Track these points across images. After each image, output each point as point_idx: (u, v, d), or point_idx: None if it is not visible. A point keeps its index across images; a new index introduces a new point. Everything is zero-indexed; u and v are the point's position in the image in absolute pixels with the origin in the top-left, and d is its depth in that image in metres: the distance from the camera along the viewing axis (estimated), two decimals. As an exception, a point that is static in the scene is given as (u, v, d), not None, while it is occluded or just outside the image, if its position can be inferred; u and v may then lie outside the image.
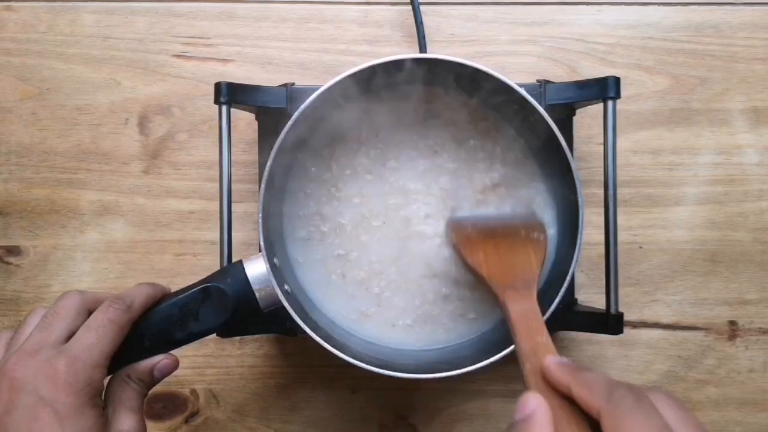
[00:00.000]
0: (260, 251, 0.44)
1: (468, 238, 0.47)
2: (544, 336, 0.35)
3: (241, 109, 0.50)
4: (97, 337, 0.38)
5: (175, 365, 0.42)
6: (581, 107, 0.51)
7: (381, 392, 0.56)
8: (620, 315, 0.47)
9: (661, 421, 0.26)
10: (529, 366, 0.33)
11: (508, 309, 0.38)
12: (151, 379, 0.41)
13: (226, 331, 0.47)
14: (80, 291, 0.41)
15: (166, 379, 0.55)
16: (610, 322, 0.47)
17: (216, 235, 0.48)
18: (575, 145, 0.53)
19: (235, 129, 0.55)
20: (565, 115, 0.51)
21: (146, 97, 0.57)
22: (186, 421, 0.56)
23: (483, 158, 0.52)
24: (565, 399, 0.30)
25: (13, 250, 0.56)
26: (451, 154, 0.52)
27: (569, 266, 0.45)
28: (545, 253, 0.45)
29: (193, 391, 0.56)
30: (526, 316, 0.37)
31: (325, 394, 0.56)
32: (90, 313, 0.40)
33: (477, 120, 0.52)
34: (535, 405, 0.29)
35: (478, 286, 0.42)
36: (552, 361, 0.32)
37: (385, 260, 0.51)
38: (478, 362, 0.44)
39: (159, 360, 0.41)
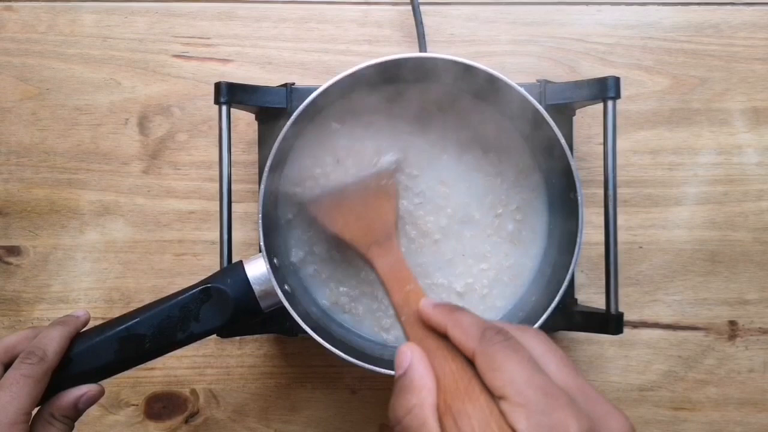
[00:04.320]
0: (260, 251, 0.44)
1: (325, 208, 0.47)
2: (412, 283, 0.35)
3: (241, 109, 0.50)
4: (11, 396, 0.37)
5: (100, 395, 0.41)
6: (581, 107, 0.51)
7: (381, 392, 0.56)
8: (620, 315, 0.47)
9: (527, 355, 0.28)
10: (404, 317, 0.34)
11: (375, 266, 0.38)
12: (76, 412, 0.40)
13: (227, 331, 0.47)
14: None
15: (167, 379, 0.56)
16: (610, 322, 0.47)
17: (216, 235, 0.48)
18: (575, 145, 0.53)
19: (235, 129, 0.55)
20: (565, 115, 0.51)
21: (146, 97, 0.57)
22: (186, 421, 0.56)
23: (484, 160, 0.52)
24: (440, 339, 0.31)
25: (13, 250, 0.56)
26: (451, 155, 0.52)
27: (569, 266, 0.45)
28: (395, 196, 0.45)
29: (193, 391, 0.56)
30: (392, 267, 0.38)
31: (325, 394, 0.56)
32: (6, 367, 0.39)
33: (477, 120, 0.52)
34: (410, 357, 0.30)
35: (347, 251, 0.42)
36: (427, 304, 0.33)
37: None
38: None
39: (84, 392, 0.40)
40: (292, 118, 0.44)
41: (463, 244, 0.51)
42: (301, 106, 0.44)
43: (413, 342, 0.32)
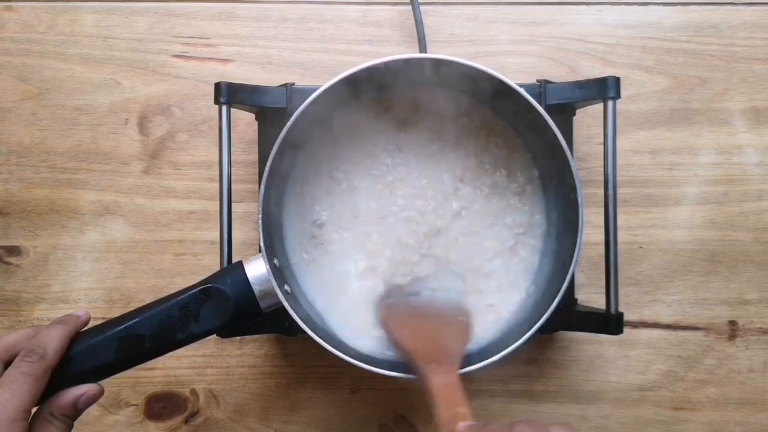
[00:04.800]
0: (260, 251, 0.44)
1: (396, 316, 0.48)
2: (464, 407, 0.36)
3: (241, 109, 0.50)
4: (11, 393, 0.37)
5: (100, 394, 0.41)
6: (581, 107, 0.51)
7: (381, 392, 0.56)
8: (620, 315, 0.47)
9: None
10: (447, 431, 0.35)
11: (430, 381, 0.39)
12: (75, 412, 0.40)
13: (227, 331, 0.47)
14: None
15: (167, 379, 0.56)
16: (610, 322, 0.47)
17: (216, 235, 0.48)
18: (575, 145, 0.53)
19: (235, 129, 0.55)
20: (565, 115, 0.51)
21: (146, 97, 0.57)
22: (186, 421, 0.56)
23: (484, 160, 0.52)
24: None
25: (13, 250, 0.56)
26: (451, 155, 0.52)
27: (569, 266, 0.45)
28: (470, 335, 0.47)
29: (193, 391, 0.56)
30: (447, 387, 0.38)
31: (325, 394, 0.56)
32: (6, 365, 0.39)
33: (477, 120, 0.52)
34: None
35: (406, 365, 0.44)
36: (463, 425, 0.34)
37: (385, 258, 0.51)
38: (479, 362, 0.44)
39: (84, 391, 0.40)
40: (292, 118, 0.44)
41: (463, 244, 0.51)
42: (302, 107, 0.44)
43: None
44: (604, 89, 0.47)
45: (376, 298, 0.51)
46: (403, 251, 0.51)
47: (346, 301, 0.51)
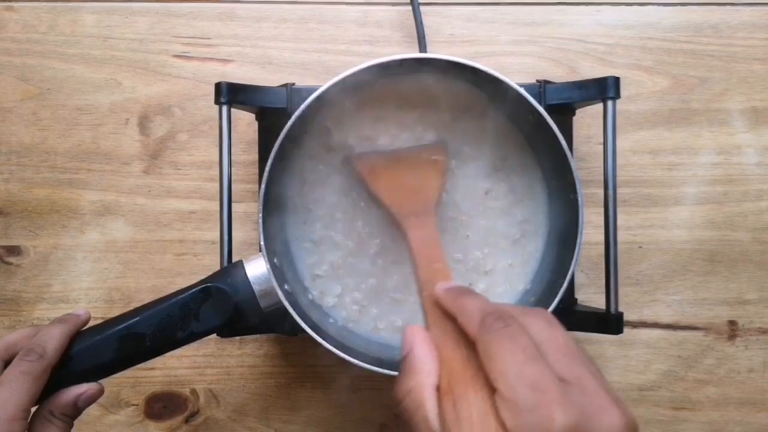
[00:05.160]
0: (260, 251, 0.44)
1: (372, 167, 0.47)
2: (440, 262, 0.35)
3: (242, 109, 0.50)
4: (10, 392, 0.37)
5: (100, 393, 0.41)
6: (581, 107, 0.51)
7: (381, 392, 0.56)
8: (620, 315, 0.47)
9: (526, 340, 0.27)
10: (425, 294, 0.33)
11: (408, 236, 0.38)
12: (75, 411, 0.40)
13: (227, 331, 0.47)
14: None
15: (167, 379, 0.56)
16: (609, 321, 0.47)
17: (216, 235, 0.48)
18: (575, 145, 0.53)
19: (235, 129, 0.55)
20: (565, 115, 0.51)
21: (147, 97, 0.57)
22: (186, 421, 0.56)
23: (483, 161, 0.52)
24: (456, 323, 0.31)
25: (14, 250, 0.56)
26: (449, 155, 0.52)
27: (569, 266, 0.45)
28: (444, 173, 0.45)
29: (193, 391, 0.56)
30: (425, 242, 0.37)
31: (325, 394, 0.56)
32: (6, 364, 0.39)
33: (477, 120, 0.52)
34: (413, 337, 0.30)
35: (384, 215, 0.42)
36: (441, 287, 0.32)
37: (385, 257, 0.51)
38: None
39: (84, 390, 0.40)
40: (293, 118, 0.44)
41: (463, 244, 0.51)
42: (302, 106, 0.44)
43: (431, 321, 0.32)
44: (604, 89, 0.47)
45: (353, 153, 0.49)
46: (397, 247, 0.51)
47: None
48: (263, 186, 0.45)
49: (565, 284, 0.45)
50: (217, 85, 0.47)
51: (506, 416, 0.25)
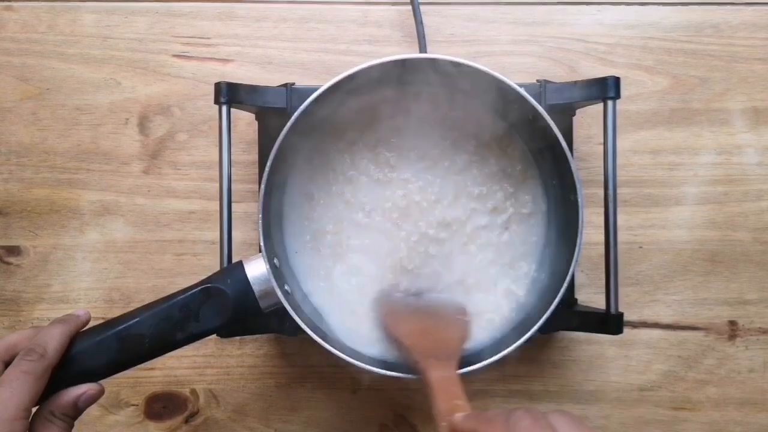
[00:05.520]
0: (260, 251, 0.44)
1: (395, 313, 0.48)
2: (461, 400, 0.36)
3: (241, 109, 0.50)
4: (11, 392, 0.37)
5: (100, 394, 0.41)
6: (581, 107, 0.51)
7: (381, 392, 0.56)
8: (620, 315, 0.47)
9: None
10: (445, 424, 0.34)
11: (428, 375, 0.39)
12: (76, 411, 0.40)
13: (227, 331, 0.47)
14: None
15: (167, 379, 0.56)
16: (610, 322, 0.47)
17: (216, 235, 0.48)
18: (575, 145, 0.53)
19: (235, 129, 0.55)
20: (565, 115, 0.51)
21: (146, 97, 0.57)
22: (186, 421, 0.56)
23: (485, 160, 0.52)
24: None
25: (13, 250, 0.56)
26: (451, 156, 0.52)
27: (569, 266, 0.45)
28: (468, 332, 0.47)
29: (193, 391, 0.56)
30: (445, 380, 0.38)
31: (325, 394, 0.56)
32: (7, 365, 0.39)
33: (477, 120, 0.52)
34: None
35: (404, 363, 0.44)
36: (459, 415, 0.34)
37: (385, 258, 0.51)
38: (478, 362, 0.44)
39: (84, 390, 0.40)
40: (293, 118, 0.44)
41: (461, 243, 0.51)
42: (302, 107, 0.44)
43: None
44: (604, 89, 0.47)
45: (375, 296, 0.51)
46: (404, 251, 0.51)
47: (345, 302, 0.51)
48: (263, 186, 0.44)
49: (565, 284, 0.45)
50: (217, 85, 0.47)
51: None
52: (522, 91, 0.45)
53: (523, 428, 0.28)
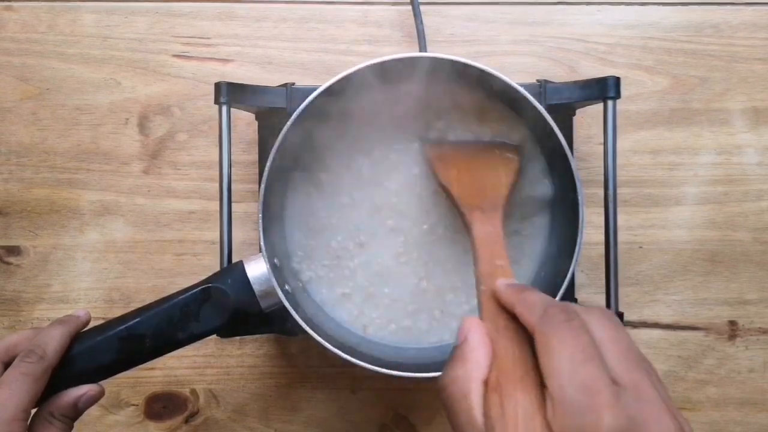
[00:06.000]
0: (260, 251, 0.44)
1: (442, 155, 0.47)
2: (503, 260, 0.34)
3: (241, 109, 0.50)
4: (10, 393, 0.37)
5: (101, 395, 0.41)
6: (581, 107, 0.51)
7: (381, 392, 0.56)
8: (620, 315, 0.47)
9: (587, 339, 0.26)
10: (483, 288, 0.33)
11: (472, 230, 0.37)
12: (75, 412, 0.40)
13: (227, 331, 0.47)
14: None
15: (167, 379, 0.56)
16: (610, 322, 0.47)
17: (216, 235, 0.48)
18: (575, 145, 0.53)
19: (235, 129, 0.55)
20: (565, 115, 0.51)
21: (146, 97, 0.57)
22: (186, 421, 0.56)
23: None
24: (512, 320, 0.30)
25: (13, 250, 0.56)
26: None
27: (569, 266, 0.45)
28: (516, 172, 0.45)
29: (193, 391, 0.56)
30: (489, 238, 0.37)
31: (325, 394, 0.56)
32: (6, 366, 0.39)
33: (477, 120, 0.52)
34: (468, 327, 0.30)
35: (449, 205, 0.42)
36: (503, 282, 0.32)
37: (385, 258, 0.51)
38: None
39: (84, 391, 0.40)
40: (292, 118, 0.44)
41: (463, 244, 0.51)
42: (301, 106, 0.44)
43: (485, 316, 0.31)
44: (604, 89, 0.47)
45: (423, 136, 0.49)
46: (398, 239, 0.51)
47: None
48: (263, 186, 0.44)
49: (565, 284, 0.45)
50: (217, 85, 0.47)
51: (552, 417, 0.25)
52: (522, 90, 0.45)
53: (556, 324, 0.27)
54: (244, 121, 0.55)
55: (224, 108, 0.46)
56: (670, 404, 0.25)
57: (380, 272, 0.51)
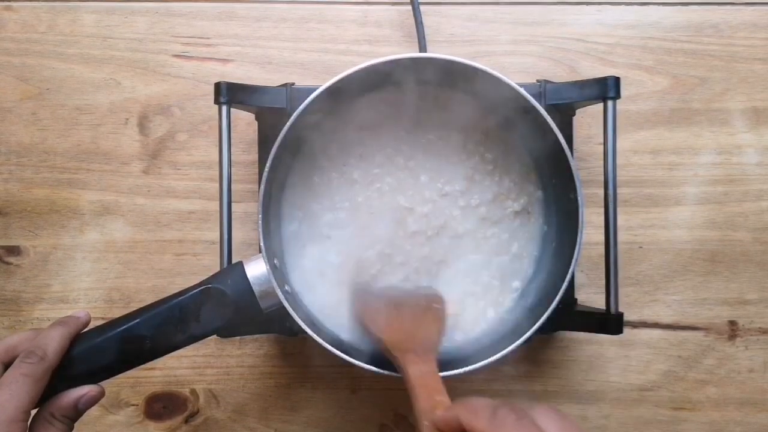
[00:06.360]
0: (260, 251, 0.44)
1: (370, 306, 0.48)
2: (442, 395, 0.35)
3: (241, 109, 0.50)
4: (10, 394, 0.37)
5: (101, 396, 0.41)
6: (581, 107, 0.51)
7: (381, 392, 0.56)
8: (620, 315, 0.47)
9: None
10: (426, 423, 0.33)
11: (407, 371, 0.38)
12: (76, 413, 0.40)
13: (227, 331, 0.47)
14: None
15: (167, 379, 0.56)
16: (610, 322, 0.47)
17: (216, 235, 0.48)
18: (575, 145, 0.53)
19: (235, 129, 0.55)
20: (565, 115, 0.51)
21: (146, 97, 0.57)
22: (186, 421, 0.56)
23: (485, 160, 0.52)
24: None
25: (13, 250, 0.56)
26: (451, 155, 0.52)
27: (569, 266, 0.45)
28: (444, 322, 0.46)
29: (193, 391, 0.56)
30: (425, 376, 0.37)
31: (325, 394, 0.56)
32: (6, 367, 0.39)
33: (477, 120, 0.52)
34: None
35: (383, 356, 0.43)
36: (442, 411, 0.32)
37: (385, 258, 0.51)
38: (478, 362, 0.44)
39: (84, 392, 0.40)
40: (292, 118, 0.44)
41: (467, 248, 0.52)
42: (301, 106, 0.44)
43: None
44: (604, 89, 0.47)
45: (351, 289, 0.50)
46: (396, 246, 0.51)
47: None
48: (263, 186, 0.44)
49: (565, 284, 0.45)
50: (217, 85, 0.47)
51: None
52: (522, 91, 0.45)
53: (509, 425, 0.27)
54: (244, 121, 0.55)
55: (224, 108, 0.46)
56: None
57: (379, 272, 0.51)
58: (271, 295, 0.43)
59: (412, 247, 0.51)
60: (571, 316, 0.50)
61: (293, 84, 0.50)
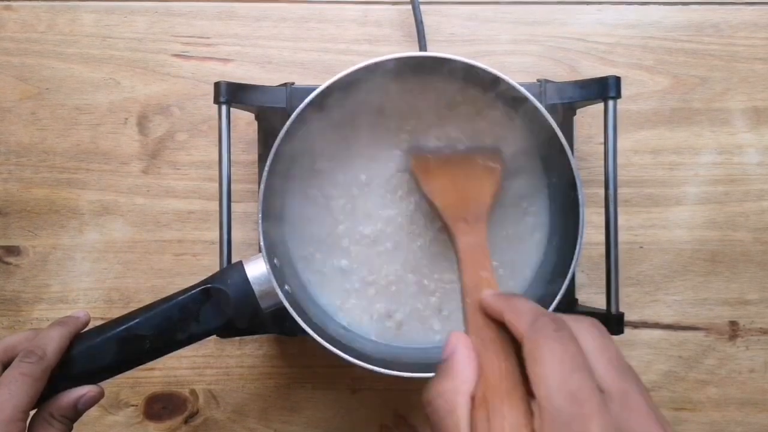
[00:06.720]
0: (260, 251, 0.44)
1: (427, 166, 0.47)
2: (487, 271, 0.34)
3: (241, 108, 0.50)
4: (9, 393, 0.37)
5: (100, 396, 0.41)
6: (582, 107, 0.51)
7: (381, 392, 0.56)
8: (621, 315, 0.47)
9: (575, 349, 0.26)
10: (469, 300, 0.33)
11: (456, 242, 0.37)
12: (75, 413, 0.40)
13: (227, 331, 0.47)
14: None
15: (166, 379, 0.56)
16: (610, 322, 0.47)
17: (216, 235, 0.48)
18: (575, 145, 0.53)
19: (235, 129, 0.55)
20: (565, 114, 0.51)
21: (146, 96, 0.56)
22: (185, 422, 0.56)
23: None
24: (498, 333, 0.30)
25: (13, 250, 0.56)
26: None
27: (569, 266, 0.45)
28: (499, 182, 0.45)
29: (193, 392, 0.56)
30: (473, 249, 0.37)
31: (325, 394, 0.56)
32: (5, 367, 0.39)
33: (478, 120, 0.52)
34: (455, 342, 0.30)
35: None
36: (489, 292, 0.32)
37: (386, 257, 0.51)
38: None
39: (84, 392, 0.40)
40: (292, 117, 0.44)
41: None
42: (301, 106, 0.44)
43: (471, 329, 0.31)
44: (605, 89, 0.47)
45: (408, 147, 0.50)
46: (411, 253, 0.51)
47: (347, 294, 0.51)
48: (263, 186, 0.44)
49: (565, 284, 0.45)
50: (217, 85, 0.46)
51: (540, 427, 0.24)
52: (523, 90, 0.45)
53: (545, 334, 0.27)
54: (244, 121, 0.55)
55: (224, 108, 0.46)
56: (658, 413, 0.26)
57: (378, 273, 0.51)
58: (271, 295, 0.43)
59: (414, 253, 0.51)
60: (572, 317, 0.50)
61: (293, 84, 0.50)
